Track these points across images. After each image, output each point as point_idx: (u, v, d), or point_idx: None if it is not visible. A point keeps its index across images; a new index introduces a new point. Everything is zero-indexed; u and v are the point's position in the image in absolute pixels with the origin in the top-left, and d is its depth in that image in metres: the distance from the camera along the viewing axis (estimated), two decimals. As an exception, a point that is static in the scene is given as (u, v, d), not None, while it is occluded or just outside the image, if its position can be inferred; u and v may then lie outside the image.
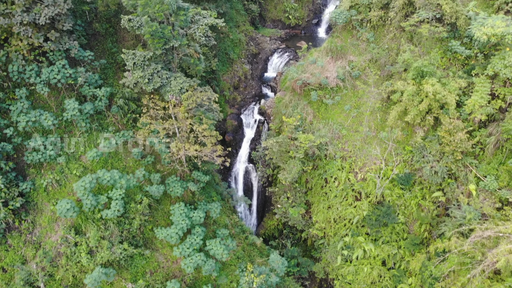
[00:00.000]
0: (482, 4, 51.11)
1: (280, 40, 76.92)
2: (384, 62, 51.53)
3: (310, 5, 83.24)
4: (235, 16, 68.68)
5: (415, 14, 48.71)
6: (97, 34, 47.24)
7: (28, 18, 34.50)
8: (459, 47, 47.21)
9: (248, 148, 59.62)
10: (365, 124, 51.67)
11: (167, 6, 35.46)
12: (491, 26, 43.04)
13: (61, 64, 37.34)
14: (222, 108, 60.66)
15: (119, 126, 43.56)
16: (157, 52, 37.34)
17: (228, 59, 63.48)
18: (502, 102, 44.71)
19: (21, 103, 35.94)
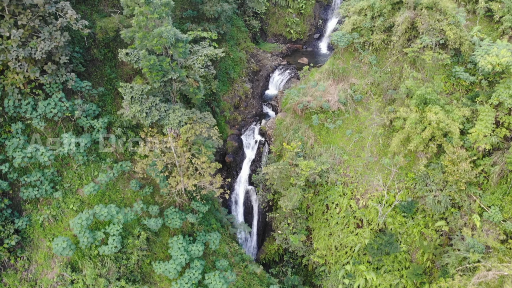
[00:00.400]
0: (487, 28, 50.27)
1: (281, 56, 76.26)
2: (386, 86, 50.77)
3: (311, 20, 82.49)
4: (235, 34, 68.01)
5: (418, 39, 47.96)
6: (96, 60, 46.65)
7: (24, 53, 33.88)
8: (463, 73, 46.47)
9: (248, 169, 58.95)
10: (367, 149, 50.95)
11: (166, 40, 34.82)
12: (495, 55, 42.27)
13: (58, 97, 36.73)
14: (222, 129, 60.11)
15: (117, 156, 42.94)
16: (156, 85, 36.72)
17: (228, 79, 62.82)
18: (507, 130, 43.94)
19: (17, 138, 35.35)
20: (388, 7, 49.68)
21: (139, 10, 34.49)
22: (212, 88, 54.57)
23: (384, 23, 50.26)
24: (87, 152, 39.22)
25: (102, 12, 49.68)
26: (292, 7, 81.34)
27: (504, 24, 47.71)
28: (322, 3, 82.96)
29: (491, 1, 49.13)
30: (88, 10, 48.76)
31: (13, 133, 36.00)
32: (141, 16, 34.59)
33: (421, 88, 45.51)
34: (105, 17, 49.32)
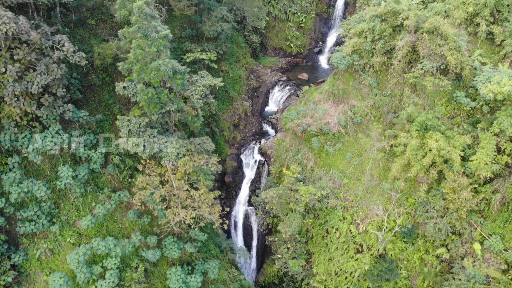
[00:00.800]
0: (488, 50, 49.85)
1: (281, 71, 75.88)
2: (387, 110, 50.39)
3: (312, 33, 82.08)
4: (235, 51, 67.62)
5: (419, 63, 47.56)
6: (93, 86, 46.35)
7: (20, 87, 33.53)
8: (464, 99, 46.01)
9: (248, 189, 58.59)
10: (367, 172, 50.56)
11: (163, 73, 34.44)
12: (497, 83, 41.82)
13: (55, 129, 36.40)
14: (222, 149, 59.78)
15: (115, 184, 42.61)
16: (154, 117, 36.36)
17: (228, 97, 62.45)
18: (508, 157, 43.51)
19: (13, 173, 35.02)
20: (388, 30, 49.25)
21: (137, 44, 34.11)
22: (212, 110, 54.22)
23: (385, 46, 49.80)
24: (84, 183, 38.86)
25: (100, 35, 49.42)
26: (292, 21, 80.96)
27: (505, 48, 47.28)
28: (323, 16, 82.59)
29: (492, 24, 48.70)
30: (86, 34, 48.54)
31: (9, 166, 35.65)
32: (138, 50, 34.21)
33: (422, 114, 45.11)
34: (103, 41, 49.07)
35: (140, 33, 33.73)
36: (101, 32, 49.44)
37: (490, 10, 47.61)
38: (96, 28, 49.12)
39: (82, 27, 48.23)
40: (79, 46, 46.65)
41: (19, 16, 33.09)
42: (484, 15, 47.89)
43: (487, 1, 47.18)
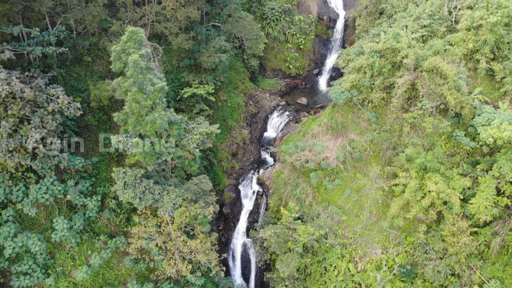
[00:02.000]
0: (488, 86, 49.39)
1: (280, 95, 75.42)
2: (385, 147, 50.01)
3: (311, 55, 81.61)
4: (233, 77, 67.18)
5: (419, 101, 47.17)
6: (90, 125, 45.98)
7: (14, 143, 33.15)
8: (463, 138, 45.60)
9: (246, 221, 58.22)
10: (366, 209, 50.19)
11: (159, 126, 34.05)
12: (497, 127, 41.46)
13: (50, 181, 36.00)
14: (220, 179, 59.41)
15: (112, 228, 42.27)
16: (150, 168, 35.95)
17: (226, 126, 62.03)
18: (508, 200, 43.16)
19: (7, 227, 34.64)
20: (388, 66, 48.85)
21: (132, 97, 33.70)
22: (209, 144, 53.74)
23: (384, 82, 49.41)
24: (80, 232, 38.50)
25: (97, 72, 49.04)
26: (291, 42, 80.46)
27: (506, 86, 46.84)
28: (322, 38, 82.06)
29: (492, 61, 48.24)
30: (82, 72, 48.16)
31: (3, 219, 35.27)
32: (134, 103, 33.81)
33: (421, 155, 44.74)
34: (99, 78, 48.70)
35: (135, 87, 33.32)
36: (97, 69, 49.01)
37: (490, 47, 47.15)
38: (93, 65, 48.69)
39: (79, 64, 47.80)
40: (75, 85, 46.41)
41: (12, 73, 32.64)
42: (484, 52, 47.44)
43: (487, 39, 46.71)
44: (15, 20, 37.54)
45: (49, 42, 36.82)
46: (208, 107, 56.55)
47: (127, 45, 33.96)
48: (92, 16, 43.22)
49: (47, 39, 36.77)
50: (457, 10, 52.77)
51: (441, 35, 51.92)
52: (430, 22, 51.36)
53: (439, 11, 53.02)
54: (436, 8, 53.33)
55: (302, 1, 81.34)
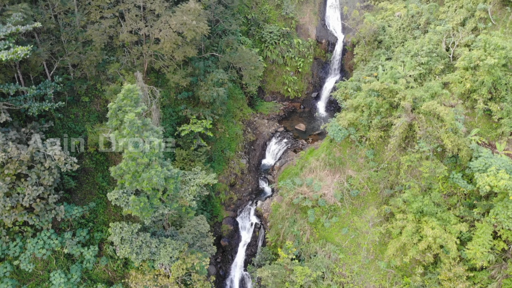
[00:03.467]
0: (486, 125, 49.45)
1: (278, 119, 75.44)
2: (383, 186, 50.08)
3: (309, 78, 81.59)
4: (232, 106, 67.20)
5: (416, 142, 47.22)
6: (87, 168, 46.05)
7: (11, 202, 33.22)
8: (460, 181, 45.61)
9: (244, 253, 58.33)
10: (363, 247, 50.29)
11: (156, 182, 34.11)
12: (494, 175, 41.47)
13: (47, 235, 36.11)
14: (218, 211, 59.53)
15: (109, 274, 42.39)
16: (147, 222, 36.04)
17: (224, 157, 62.08)
18: (505, 244, 43.30)
19: (5, 284, 34.73)
20: (385, 106, 48.92)
21: (128, 155, 33.75)
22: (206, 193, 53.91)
23: (381, 121, 49.47)
24: (77, 283, 38.61)
25: (94, 112, 49.10)
26: (290, 65, 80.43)
27: (503, 127, 46.95)
28: (320, 60, 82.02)
29: (490, 101, 48.26)
30: (80, 112, 48.23)
31: (0, 275, 35.38)
32: (130, 161, 33.86)
33: (418, 199, 44.85)
34: (97, 118, 48.75)
35: (132, 146, 33.36)
36: (95, 109, 49.04)
37: (488, 88, 47.17)
38: (90, 105, 48.73)
39: (76, 105, 47.84)
40: (72, 127, 46.46)
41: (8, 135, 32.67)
42: (482, 93, 47.47)
43: (485, 80, 46.71)
44: (12, 70, 37.63)
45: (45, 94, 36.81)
46: (206, 141, 56.60)
47: (124, 102, 33.98)
48: (90, 61, 43.23)
49: (44, 92, 36.80)
50: (455, 46, 52.75)
51: (439, 72, 51.92)
52: (428, 60, 51.33)
53: (436, 47, 52.98)
54: (434, 44, 53.29)
55: (301, 24, 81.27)
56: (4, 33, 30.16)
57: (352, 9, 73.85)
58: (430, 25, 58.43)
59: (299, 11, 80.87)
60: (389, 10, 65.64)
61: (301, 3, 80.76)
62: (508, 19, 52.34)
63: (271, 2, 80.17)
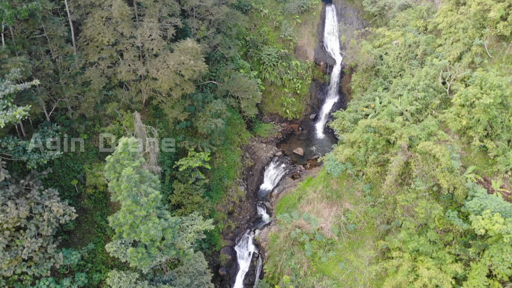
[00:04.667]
0: (482, 160, 49.76)
1: (276, 142, 75.78)
2: (380, 222, 50.49)
3: (308, 99, 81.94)
4: (230, 133, 67.51)
5: (412, 179, 47.57)
6: (86, 208, 46.42)
7: (10, 256, 33.58)
8: (456, 219, 45.94)
9: (242, 283, 58.76)
10: (360, 283, 50.72)
11: (153, 234, 34.47)
12: (488, 217, 41.84)
13: (46, 283, 36.49)
14: (216, 240, 59.89)
15: (108, 317, 42.71)
16: (145, 271, 36.40)
17: (222, 186, 62.41)
18: (500, 284, 43.80)
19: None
20: (382, 142, 49.23)
21: (126, 208, 34.12)
22: (205, 212, 54.32)
23: (378, 157, 49.80)
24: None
25: (93, 149, 49.41)
26: (288, 87, 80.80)
27: (498, 165, 47.30)
28: (319, 82, 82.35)
29: (486, 138, 48.58)
30: (78, 150, 48.46)
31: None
32: (128, 214, 34.23)
33: (413, 239, 45.26)
34: (95, 154, 49.09)
35: (129, 200, 33.72)
36: (93, 145, 49.34)
37: (484, 126, 47.49)
38: (89, 142, 49.04)
39: (74, 142, 48.12)
40: (71, 165, 46.78)
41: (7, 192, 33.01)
42: (478, 131, 47.79)
43: (481, 118, 47.04)
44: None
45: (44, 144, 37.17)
46: (204, 173, 56.95)
47: (121, 156, 34.31)
48: (88, 103, 43.55)
49: (43, 141, 37.16)
50: (452, 80, 53.05)
51: (435, 107, 52.22)
52: (424, 95, 51.65)
53: (433, 81, 53.27)
54: (430, 78, 53.58)
55: (299, 46, 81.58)
56: (2, 93, 30.47)
57: (350, 36, 74.13)
58: (427, 56, 58.77)
59: (298, 33, 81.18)
60: (387, 37, 65.91)
61: (299, 25, 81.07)
62: (504, 53, 52.65)
63: (269, 24, 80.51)
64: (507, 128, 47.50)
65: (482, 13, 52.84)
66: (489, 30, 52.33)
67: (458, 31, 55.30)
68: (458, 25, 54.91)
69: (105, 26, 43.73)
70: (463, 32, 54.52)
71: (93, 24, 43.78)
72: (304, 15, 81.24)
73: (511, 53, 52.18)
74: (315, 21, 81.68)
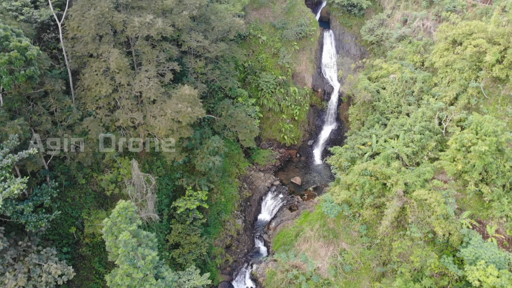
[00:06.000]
0: (477, 203, 50.10)
1: (274, 170, 76.08)
2: (376, 264, 50.87)
3: (305, 125, 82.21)
4: (227, 165, 67.82)
5: (407, 225, 47.95)
6: (84, 255, 46.77)
7: (8, 319, 33.88)
8: (451, 265, 46.30)
9: (239, 319, 59.26)
10: (356, 323, 51.19)
11: (151, 295, 34.84)
12: (483, 269, 42.23)
13: None
14: (213, 275, 60.24)
15: None
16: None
17: (220, 221, 62.76)
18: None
19: None
20: (378, 186, 49.59)
21: (124, 271, 34.47)
22: (203, 251, 54.69)
23: (374, 200, 50.16)
24: None
25: (91, 193, 49.73)
26: (286, 113, 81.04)
27: (493, 211, 47.65)
28: (317, 108, 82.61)
29: (481, 182, 48.90)
30: (77, 195, 48.81)
31: None
32: (125, 276, 34.58)
33: (409, 286, 45.62)
34: (94, 199, 49.40)
35: (127, 264, 34.08)
36: (92, 189, 49.64)
37: (479, 172, 47.80)
38: (87, 186, 49.35)
39: (73, 187, 48.45)
40: (69, 212, 47.10)
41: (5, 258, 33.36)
42: (473, 176, 48.13)
43: (476, 164, 47.37)
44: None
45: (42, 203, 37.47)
46: (202, 211, 57.29)
47: (118, 219, 34.65)
48: (86, 153, 43.85)
49: (42, 199, 37.50)
50: (448, 121, 53.35)
51: (431, 149, 52.54)
52: (420, 138, 51.97)
53: (429, 123, 53.55)
54: (427, 119, 53.90)
55: (297, 72, 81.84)
56: (0, 164, 30.76)
57: (347, 71, 74.39)
58: (423, 94, 59.08)
59: (295, 59, 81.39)
60: (384, 69, 66.15)
61: (297, 52, 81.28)
62: (500, 95, 52.98)
63: (267, 50, 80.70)
64: (502, 173, 47.81)
65: (478, 55, 53.18)
66: (485, 73, 52.64)
67: (454, 71, 55.59)
68: (454, 65, 55.19)
69: (103, 76, 44.00)
70: (459, 73, 54.83)
71: (91, 75, 44.05)
72: (302, 41, 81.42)
73: (507, 95, 52.54)
74: (313, 47, 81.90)
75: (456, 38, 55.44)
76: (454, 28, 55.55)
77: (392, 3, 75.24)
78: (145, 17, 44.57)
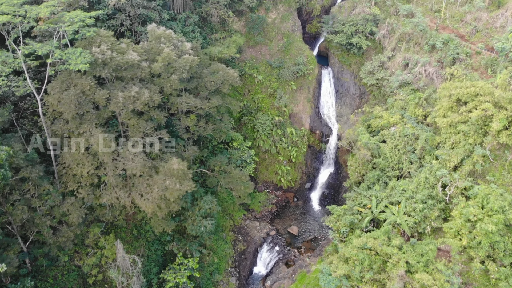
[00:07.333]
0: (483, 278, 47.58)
1: (270, 217, 73.37)
2: None
3: (303, 168, 79.47)
4: (221, 219, 65.11)
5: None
6: None
7: None
8: None
9: None
10: None
11: None
12: None
13: None
14: None
15: None
16: None
17: (212, 281, 60.01)
18: None
19: None
20: (378, 262, 46.91)
21: None
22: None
23: (374, 276, 47.50)
24: None
25: (75, 270, 47.12)
26: (283, 155, 78.29)
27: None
28: (314, 149, 79.87)
29: (487, 259, 46.28)
30: (59, 274, 46.17)
31: None
32: None
33: None
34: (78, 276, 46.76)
35: None
36: (74, 265, 46.87)
37: (485, 250, 45.21)
38: (70, 263, 46.57)
39: (55, 265, 45.67)
40: (51, 294, 44.36)
41: None
42: (478, 254, 45.55)
43: (482, 242, 44.78)
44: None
45: None
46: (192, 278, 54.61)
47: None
48: (66, 237, 41.15)
49: None
50: (452, 188, 50.53)
51: (434, 218, 49.81)
52: (423, 208, 49.24)
53: (432, 190, 50.75)
54: (429, 187, 51.15)
55: (294, 113, 79.05)
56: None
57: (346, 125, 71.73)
58: (426, 153, 56.30)
59: (293, 99, 78.60)
60: (384, 119, 63.32)
61: (294, 91, 78.49)
62: (507, 160, 50.20)
63: (264, 90, 77.90)
64: (509, 251, 45.19)
65: (485, 119, 50.41)
66: (491, 138, 49.86)
67: (458, 133, 52.76)
68: (458, 126, 52.34)
69: (84, 156, 41.21)
70: (464, 136, 52.00)
71: (71, 154, 41.25)
72: (300, 80, 78.62)
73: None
74: (311, 85, 79.09)
75: (460, 97, 52.61)
76: (458, 87, 52.66)
77: (392, 44, 72.31)
78: (130, 90, 41.73)
